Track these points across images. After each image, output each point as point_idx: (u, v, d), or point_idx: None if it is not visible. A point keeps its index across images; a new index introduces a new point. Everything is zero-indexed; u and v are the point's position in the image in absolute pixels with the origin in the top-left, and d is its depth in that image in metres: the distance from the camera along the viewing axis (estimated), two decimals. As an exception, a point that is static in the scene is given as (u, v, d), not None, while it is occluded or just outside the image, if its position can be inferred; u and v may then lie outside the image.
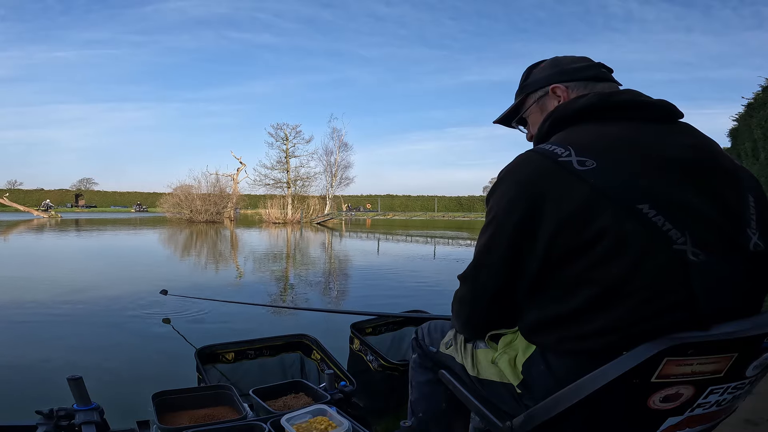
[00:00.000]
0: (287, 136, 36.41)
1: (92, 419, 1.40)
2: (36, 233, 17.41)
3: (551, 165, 0.86)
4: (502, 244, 0.92)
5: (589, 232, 0.81)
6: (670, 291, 0.80)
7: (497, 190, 0.95)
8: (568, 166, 0.85)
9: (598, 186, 0.82)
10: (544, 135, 1.00)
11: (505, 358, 1.02)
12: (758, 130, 6.07)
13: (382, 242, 16.62)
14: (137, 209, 50.09)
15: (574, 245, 0.83)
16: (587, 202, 0.81)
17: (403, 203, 56.01)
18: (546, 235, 0.85)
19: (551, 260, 0.86)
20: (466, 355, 1.16)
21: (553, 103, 1.06)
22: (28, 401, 2.33)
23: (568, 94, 1.05)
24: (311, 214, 33.61)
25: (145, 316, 4.71)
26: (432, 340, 1.33)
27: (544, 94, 1.09)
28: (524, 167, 0.91)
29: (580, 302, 0.84)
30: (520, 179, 0.90)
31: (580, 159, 0.85)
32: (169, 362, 3.32)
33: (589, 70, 1.07)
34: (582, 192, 0.82)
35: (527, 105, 1.14)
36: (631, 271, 0.80)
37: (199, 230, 21.19)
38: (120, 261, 9.72)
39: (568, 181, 0.84)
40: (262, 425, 1.29)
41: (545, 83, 1.09)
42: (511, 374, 1.00)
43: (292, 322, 4.68)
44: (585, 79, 1.06)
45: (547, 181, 0.85)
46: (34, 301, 5.25)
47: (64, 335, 4.00)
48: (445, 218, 32.97)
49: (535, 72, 1.13)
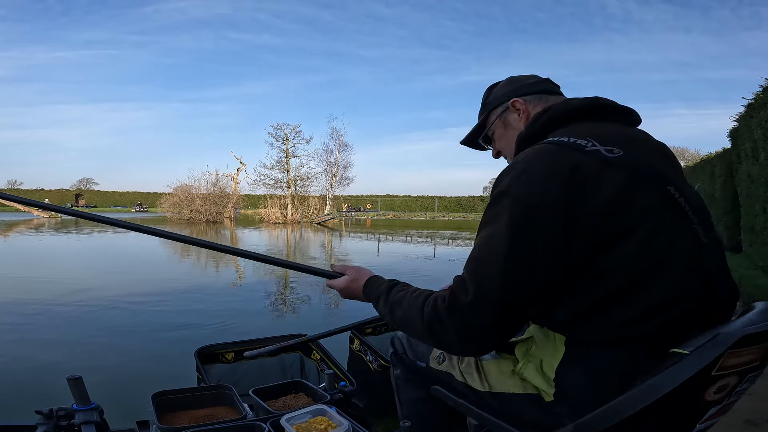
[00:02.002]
0: (287, 136, 36.44)
1: (92, 419, 1.39)
2: (36, 233, 17.41)
3: (581, 154, 0.88)
4: (540, 240, 0.85)
5: (633, 214, 0.84)
6: (694, 270, 0.87)
7: (520, 182, 0.88)
8: (597, 154, 0.88)
9: (633, 170, 0.87)
10: (539, 132, 1.01)
11: (531, 367, 0.96)
12: (758, 130, 6.06)
13: (382, 242, 16.62)
14: (137, 209, 50.09)
15: (620, 228, 0.84)
16: (627, 186, 0.85)
17: (403, 203, 56.00)
18: (590, 222, 0.84)
19: (596, 247, 0.84)
20: (469, 371, 1.08)
21: (515, 117, 1.13)
22: (27, 401, 2.33)
23: (527, 107, 1.12)
24: (311, 214, 33.62)
25: (145, 316, 4.71)
26: (417, 353, 1.24)
27: (504, 109, 1.15)
28: (553, 157, 0.88)
29: (622, 286, 0.84)
30: (554, 169, 0.86)
31: (607, 148, 0.89)
32: (168, 362, 3.32)
33: (540, 85, 1.16)
34: (619, 177, 0.86)
35: (490, 121, 1.19)
36: (668, 249, 0.86)
37: (199, 230, 21.19)
38: (120, 261, 9.72)
39: (602, 168, 0.86)
40: (261, 425, 1.29)
41: (505, 98, 1.15)
42: (542, 383, 0.94)
43: (293, 322, 4.68)
44: (539, 92, 1.14)
45: (583, 169, 0.86)
46: (34, 301, 5.25)
47: (64, 335, 4.00)
48: (445, 218, 32.97)
49: (495, 90, 1.20)
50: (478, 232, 0.94)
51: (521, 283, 0.86)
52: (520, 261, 0.85)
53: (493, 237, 0.88)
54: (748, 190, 6.79)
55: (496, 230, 0.88)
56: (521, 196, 0.86)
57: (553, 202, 0.84)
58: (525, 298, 0.87)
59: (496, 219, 0.89)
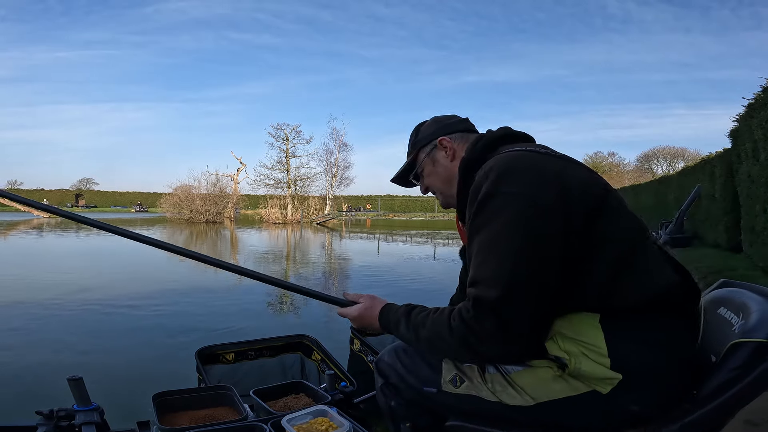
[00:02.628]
0: (287, 137, 36.45)
1: (92, 420, 1.39)
2: (36, 233, 17.41)
3: (540, 155, 1.00)
4: (546, 224, 0.88)
5: (600, 191, 0.96)
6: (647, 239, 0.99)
7: (506, 181, 0.93)
8: (551, 155, 1.02)
9: (581, 164, 1.02)
10: (479, 155, 1.09)
11: (584, 359, 0.90)
12: (759, 130, 6.06)
13: (382, 243, 16.61)
14: (137, 209, 50.09)
15: (599, 200, 0.94)
16: (586, 174, 0.99)
17: (403, 203, 56.00)
18: (578, 197, 0.92)
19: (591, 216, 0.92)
20: (501, 389, 0.98)
21: (442, 154, 1.20)
22: (28, 401, 2.33)
23: (452, 144, 1.19)
24: (311, 215, 33.62)
25: (146, 317, 4.71)
26: (421, 378, 1.07)
27: (432, 147, 1.22)
28: (524, 156, 0.99)
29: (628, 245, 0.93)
30: (531, 163, 0.96)
31: (552, 153, 1.04)
32: (169, 363, 3.32)
33: (462, 124, 1.24)
34: (577, 166, 1.00)
35: (420, 159, 1.24)
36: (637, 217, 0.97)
37: (199, 230, 21.19)
38: (120, 261, 9.71)
39: (562, 162, 0.99)
40: (262, 426, 1.29)
41: (433, 137, 1.22)
42: (603, 371, 0.89)
43: (293, 322, 4.68)
44: (461, 131, 1.22)
45: (549, 164, 0.97)
46: (34, 302, 5.25)
47: (64, 336, 4.00)
48: (445, 218, 32.96)
49: (422, 130, 1.26)
50: (472, 240, 0.95)
51: (541, 269, 0.88)
52: (535, 247, 0.88)
53: (497, 236, 0.90)
54: (748, 191, 6.78)
55: (497, 229, 0.90)
56: (513, 191, 0.92)
57: (544, 188, 0.91)
58: (550, 283, 0.88)
59: (491, 220, 0.92)
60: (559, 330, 0.93)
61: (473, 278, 0.93)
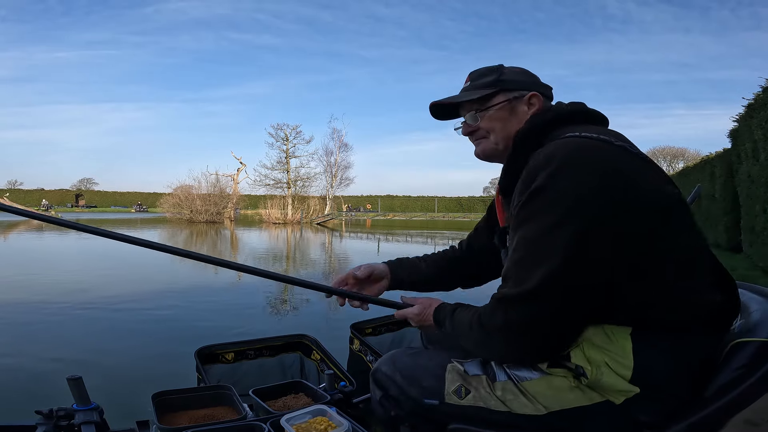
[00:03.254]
0: (287, 137, 36.47)
1: (92, 419, 1.39)
2: (36, 233, 17.41)
3: (614, 148, 0.90)
4: (600, 231, 0.83)
5: (667, 201, 0.89)
6: (707, 252, 0.96)
7: (563, 176, 0.85)
8: (625, 149, 0.91)
9: (655, 166, 0.94)
10: (540, 130, 1.01)
11: (606, 371, 0.88)
12: (758, 130, 6.06)
13: (383, 243, 16.61)
14: (137, 209, 50.09)
15: (661, 213, 0.87)
16: (657, 178, 0.91)
17: (403, 204, 56.01)
18: (638, 209, 0.85)
19: (648, 233, 0.86)
20: (512, 397, 0.95)
21: (523, 109, 1.09)
22: (27, 401, 2.33)
23: (540, 106, 1.09)
24: (311, 215, 33.63)
25: (145, 316, 4.71)
26: (424, 389, 1.03)
27: (519, 96, 1.10)
28: (590, 150, 0.89)
29: (679, 265, 0.88)
30: (595, 161, 0.87)
31: (627, 144, 0.93)
32: (168, 362, 3.32)
33: (551, 92, 1.16)
34: (649, 169, 0.92)
35: (498, 101, 1.10)
36: (700, 232, 0.94)
37: (199, 230, 21.18)
38: (120, 261, 9.71)
39: (635, 161, 0.90)
40: (261, 425, 1.29)
41: (525, 87, 1.11)
42: (623, 384, 0.88)
43: (292, 322, 4.68)
44: (549, 97, 1.15)
45: (619, 162, 0.89)
46: (34, 301, 5.25)
47: (63, 335, 4.00)
48: (445, 219, 32.96)
49: (509, 72, 1.12)
50: (516, 229, 0.91)
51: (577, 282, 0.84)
52: (578, 258, 0.83)
53: (541, 236, 0.86)
54: (748, 191, 6.78)
55: (542, 229, 0.85)
56: (570, 190, 0.84)
57: (602, 192, 0.84)
58: (583, 297, 0.85)
59: (541, 215, 0.86)
60: (590, 338, 0.90)
61: (505, 273, 0.92)
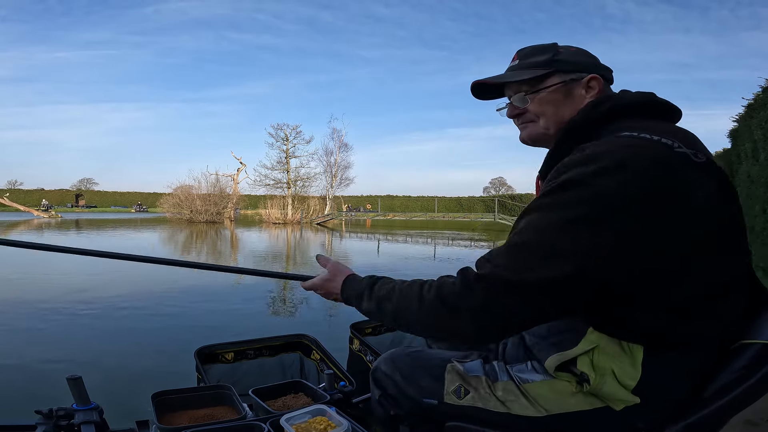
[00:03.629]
0: (287, 137, 36.45)
1: (92, 419, 1.39)
2: (37, 233, 17.40)
3: (674, 154, 0.81)
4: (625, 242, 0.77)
5: (716, 225, 0.82)
6: (745, 278, 0.90)
7: (609, 174, 0.78)
8: (687, 157, 0.82)
9: (719, 181, 0.84)
10: (596, 121, 0.92)
11: (609, 380, 0.86)
12: (758, 130, 6.06)
13: (383, 243, 16.61)
14: (137, 209, 50.07)
15: (703, 237, 0.81)
16: (714, 196, 0.82)
17: (403, 204, 55.99)
18: (688, 228, 0.79)
19: (691, 253, 0.80)
20: (512, 398, 0.95)
21: (580, 92, 0.99)
22: (27, 401, 2.33)
23: (600, 89, 0.99)
24: (311, 215, 33.63)
25: (145, 316, 4.71)
26: (422, 389, 1.03)
27: (577, 78, 0.99)
28: (648, 154, 0.80)
29: (707, 294, 0.83)
30: (649, 167, 0.78)
31: (692, 152, 0.83)
32: (168, 362, 3.32)
33: (611, 75, 1.05)
34: (711, 186, 0.82)
35: (552, 82, 1.00)
36: (741, 261, 0.87)
37: (199, 230, 21.18)
38: (120, 261, 9.70)
39: (694, 172, 0.81)
40: (261, 425, 1.29)
41: (584, 68, 1.00)
42: (624, 394, 0.86)
43: (292, 322, 4.68)
44: (610, 80, 1.04)
45: (675, 171, 0.80)
46: (34, 302, 5.25)
47: (63, 335, 4.00)
48: (445, 219, 32.97)
49: (565, 52, 1.02)
50: (529, 210, 0.84)
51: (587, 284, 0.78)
52: (595, 260, 0.77)
53: (552, 228, 0.79)
54: (748, 191, 6.79)
55: (557, 221, 0.78)
56: (609, 192, 0.77)
57: (648, 206, 0.77)
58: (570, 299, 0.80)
59: (566, 207, 0.79)
60: (603, 346, 0.87)
61: (497, 251, 0.84)
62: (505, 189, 61.24)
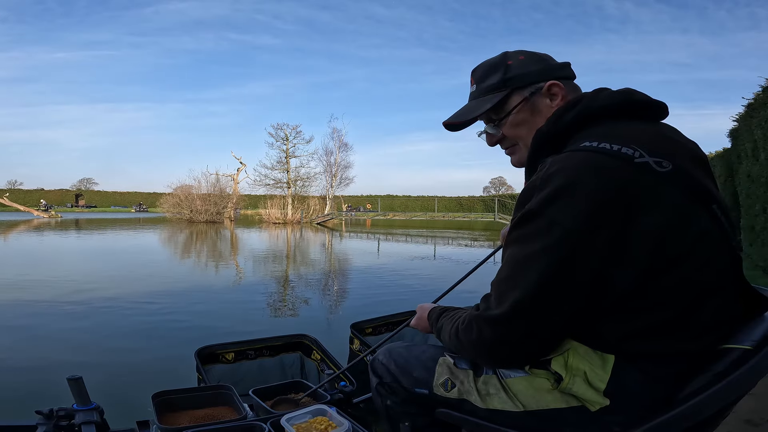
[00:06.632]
0: (287, 137, 36.40)
1: (92, 419, 1.39)
2: (37, 233, 17.41)
3: (630, 168, 0.78)
4: (582, 267, 0.78)
5: (687, 242, 0.80)
6: (735, 284, 0.87)
7: (559, 203, 0.78)
8: (647, 168, 0.79)
9: (686, 191, 0.81)
10: (563, 131, 0.90)
11: (579, 380, 0.88)
12: (758, 130, 6.06)
13: (383, 243, 16.61)
14: (137, 209, 50.05)
15: (673, 256, 0.79)
16: (680, 210, 0.79)
17: (403, 203, 55.95)
18: (641, 249, 0.77)
19: (645, 274, 0.79)
20: (493, 392, 0.97)
21: (546, 102, 0.96)
22: (28, 401, 2.33)
23: (564, 93, 0.96)
24: (311, 215, 33.62)
25: (145, 316, 4.71)
26: (416, 379, 1.07)
27: (536, 90, 0.97)
28: (599, 172, 0.78)
29: (676, 311, 0.81)
30: (599, 188, 0.77)
31: (656, 160, 0.80)
32: (168, 362, 3.32)
33: (570, 70, 1.01)
34: (673, 197, 0.79)
35: (514, 103, 0.98)
36: (719, 273, 0.84)
37: (199, 230, 21.18)
38: (120, 261, 9.71)
39: (654, 186, 0.78)
40: (262, 425, 1.29)
41: (539, 78, 0.97)
42: (593, 395, 0.87)
43: (292, 322, 4.68)
44: (571, 78, 1.00)
45: (633, 188, 0.77)
46: (34, 302, 5.25)
47: (64, 335, 4.00)
48: (445, 218, 32.96)
49: (515, 66, 0.98)
50: (506, 249, 0.88)
51: (554, 310, 0.82)
52: (556, 288, 0.80)
53: (527, 260, 0.82)
54: (748, 190, 6.79)
55: (529, 253, 0.82)
56: (560, 220, 0.78)
57: (598, 229, 0.77)
58: (557, 324, 0.84)
59: (528, 240, 0.82)
60: (576, 348, 0.88)
61: (494, 288, 0.90)
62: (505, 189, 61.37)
